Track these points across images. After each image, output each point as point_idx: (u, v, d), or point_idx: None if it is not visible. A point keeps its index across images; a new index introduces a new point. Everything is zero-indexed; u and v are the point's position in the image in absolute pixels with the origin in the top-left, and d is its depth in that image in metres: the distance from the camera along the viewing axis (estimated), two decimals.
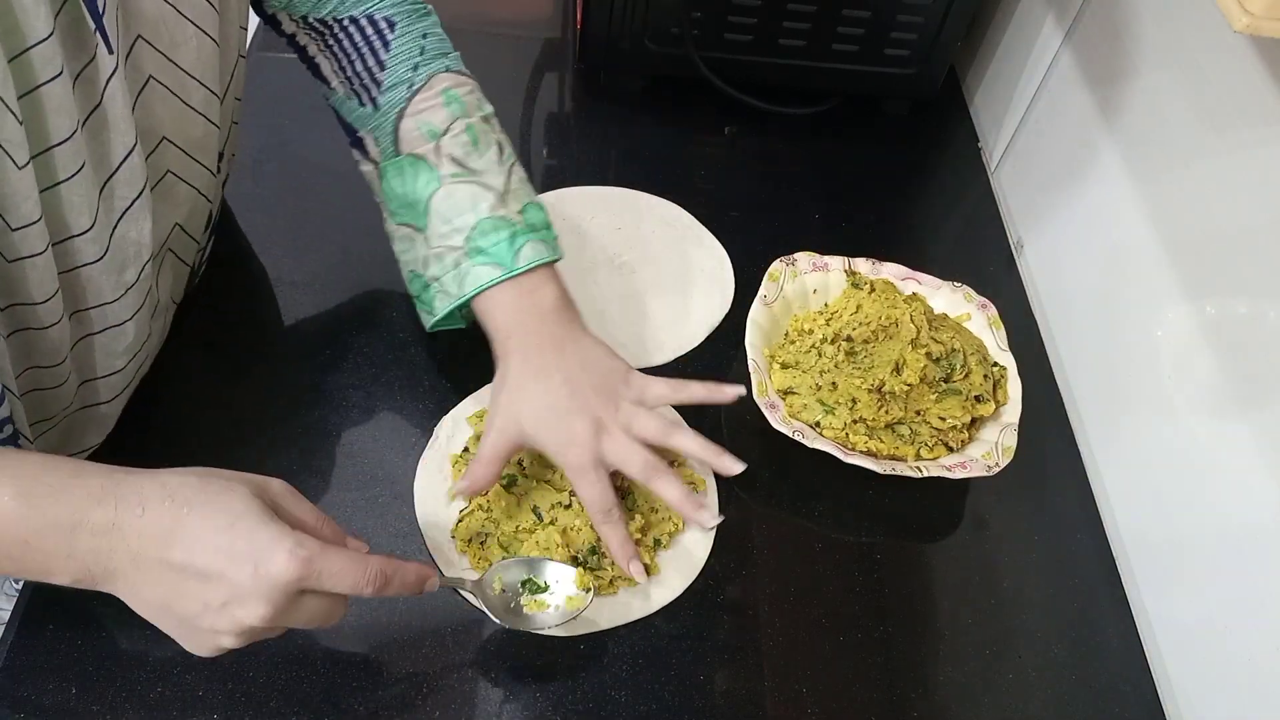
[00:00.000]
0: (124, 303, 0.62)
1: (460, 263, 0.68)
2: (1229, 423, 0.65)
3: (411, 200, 0.70)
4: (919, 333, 0.75)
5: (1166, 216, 0.74)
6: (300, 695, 0.60)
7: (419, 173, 0.69)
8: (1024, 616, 0.70)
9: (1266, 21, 0.47)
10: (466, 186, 0.69)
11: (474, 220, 0.68)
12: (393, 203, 0.71)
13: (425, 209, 0.69)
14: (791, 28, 0.97)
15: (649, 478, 0.64)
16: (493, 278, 0.67)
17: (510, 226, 0.68)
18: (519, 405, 0.65)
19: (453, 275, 0.68)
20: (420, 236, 0.70)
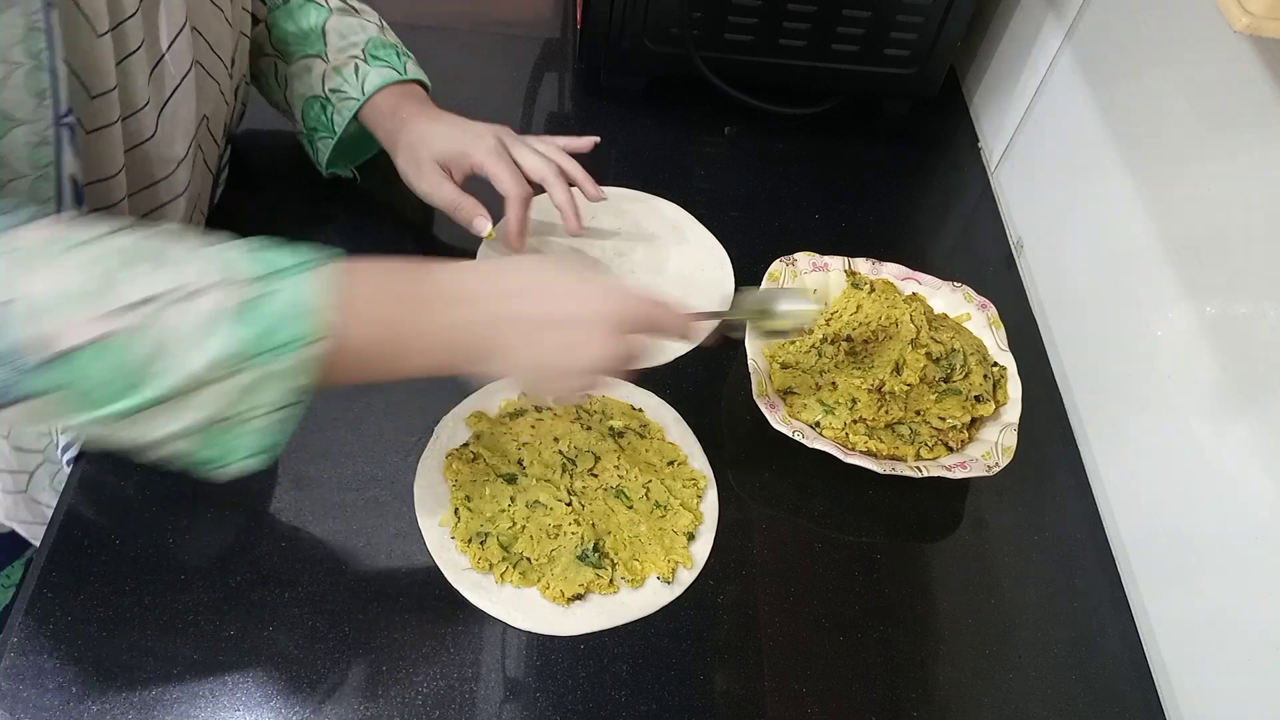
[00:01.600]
0: (176, 178, 0.69)
1: (359, 68, 0.78)
2: (1229, 423, 0.65)
3: (305, 31, 0.79)
4: (919, 333, 0.75)
5: (1166, 216, 0.74)
6: (300, 695, 0.60)
7: (308, 10, 0.80)
8: (1024, 616, 0.70)
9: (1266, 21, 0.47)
10: (353, 18, 0.81)
11: (365, 38, 0.80)
12: (288, 44, 0.80)
13: (321, 34, 0.79)
14: (791, 28, 0.97)
15: (545, 176, 0.77)
16: (388, 78, 0.78)
17: (395, 46, 0.81)
18: (426, 137, 0.77)
19: (354, 81, 0.78)
20: (319, 61, 0.79)
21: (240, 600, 0.63)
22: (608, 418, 0.74)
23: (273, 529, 0.67)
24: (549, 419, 0.73)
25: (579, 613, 0.65)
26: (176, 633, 0.61)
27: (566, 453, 0.71)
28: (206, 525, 0.66)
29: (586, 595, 0.66)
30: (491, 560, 0.65)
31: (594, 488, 0.70)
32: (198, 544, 0.65)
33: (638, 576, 0.67)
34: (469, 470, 0.70)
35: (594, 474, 0.71)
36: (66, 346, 0.44)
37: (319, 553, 0.66)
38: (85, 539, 0.65)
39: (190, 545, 0.65)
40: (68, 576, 0.63)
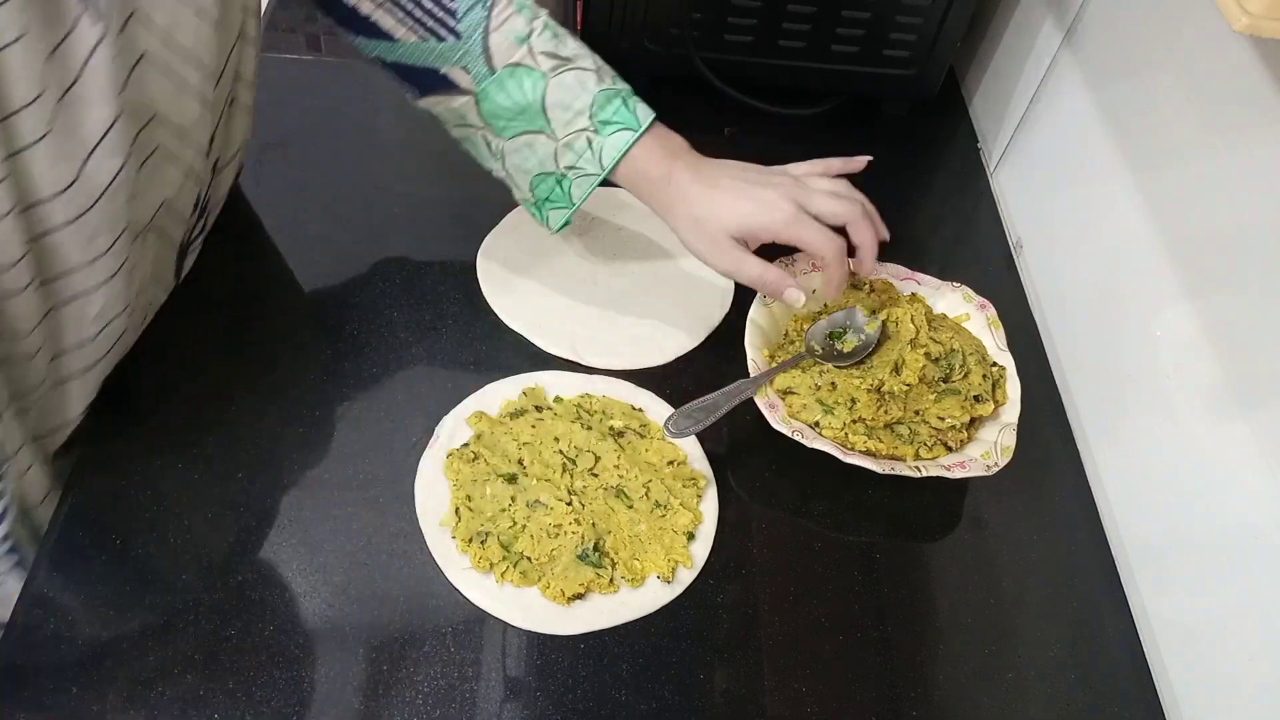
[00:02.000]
0: (94, 269, 0.62)
1: (592, 140, 0.72)
2: (1229, 423, 0.65)
3: (523, 106, 0.71)
4: (918, 333, 0.75)
5: (1166, 216, 0.74)
6: (300, 695, 0.60)
7: (522, 79, 0.71)
8: (1024, 616, 0.70)
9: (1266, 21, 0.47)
10: (570, 74, 0.72)
11: (589, 99, 0.71)
12: (501, 119, 0.73)
13: (541, 107, 0.71)
14: (791, 28, 0.97)
15: (850, 219, 0.73)
16: (627, 141, 0.72)
17: (619, 93, 0.73)
18: (714, 209, 0.72)
19: (589, 155, 0.72)
20: (542, 136, 0.73)
21: (240, 600, 0.63)
22: (608, 418, 0.74)
23: (273, 529, 0.67)
24: (549, 419, 0.73)
25: (579, 612, 0.65)
26: (176, 633, 0.61)
27: (567, 452, 0.71)
28: (206, 525, 0.66)
29: (586, 595, 0.66)
30: (492, 560, 0.66)
31: (594, 487, 0.70)
32: (198, 544, 0.65)
33: (638, 576, 0.67)
34: (469, 470, 0.70)
35: (594, 474, 0.71)
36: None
37: (319, 553, 0.66)
38: (85, 539, 0.65)
39: (190, 545, 0.65)
40: (68, 576, 0.63)
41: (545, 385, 0.76)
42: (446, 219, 0.89)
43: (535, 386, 0.76)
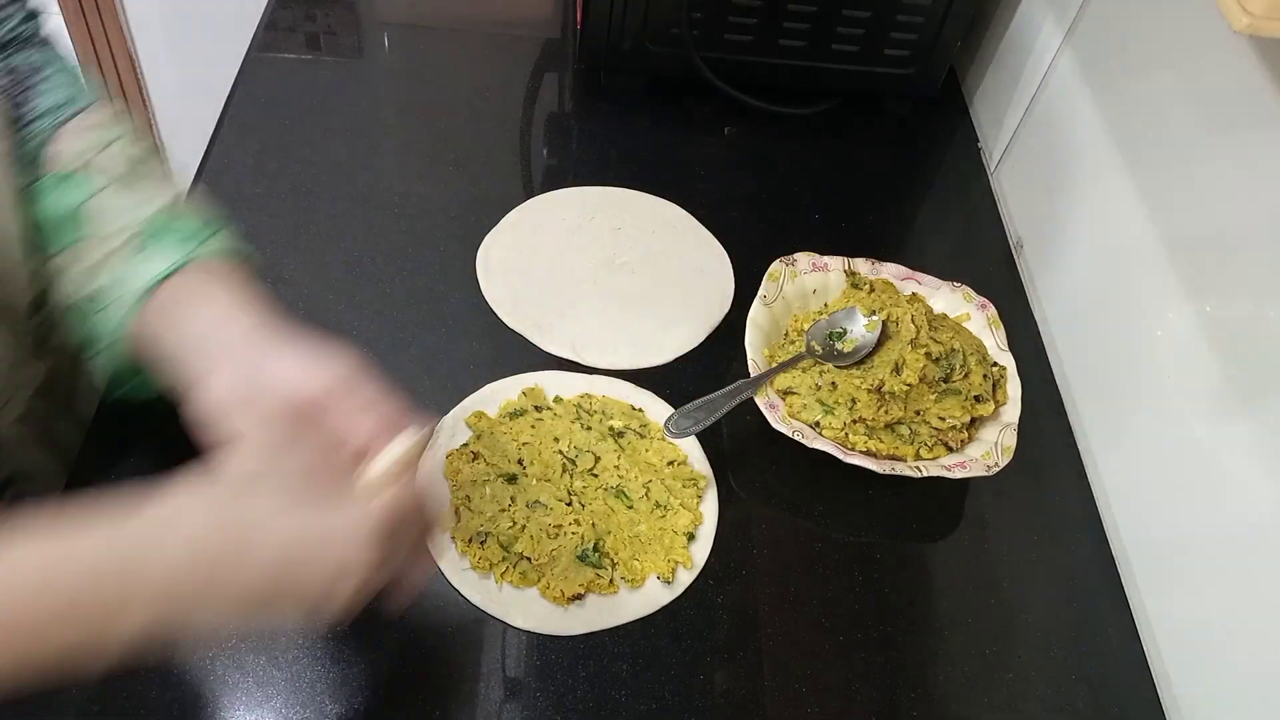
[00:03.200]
0: None
1: (130, 259, 0.54)
2: (1229, 423, 0.65)
3: (67, 213, 0.56)
4: (919, 333, 0.75)
5: (1166, 216, 0.74)
6: (300, 695, 0.60)
7: (69, 187, 0.57)
8: (1024, 616, 0.70)
9: (1266, 21, 0.47)
10: (133, 194, 0.57)
11: (149, 212, 0.56)
12: (45, 232, 0.58)
13: (77, 215, 0.56)
14: (791, 28, 0.97)
15: None
16: (172, 263, 0.53)
17: (197, 219, 0.57)
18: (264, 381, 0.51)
19: (119, 278, 0.54)
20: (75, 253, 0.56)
21: None
22: (608, 418, 0.74)
23: None
24: (549, 419, 0.73)
25: (579, 613, 0.65)
26: None
27: (566, 453, 0.71)
28: None
29: (586, 595, 0.66)
30: (491, 560, 0.66)
31: (594, 488, 0.70)
32: None
33: (638, 576, 0.67)
34: (469, 470, 0.70)
35: (594, 474, 0.71)
36: None
37: None
38: None
39: None
40: None
41: (545, 385, 0.76)
42: (446, 219, 0.89)
43: (535, 386, 0.76)
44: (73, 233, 0.56)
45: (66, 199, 0.57)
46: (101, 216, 0.56)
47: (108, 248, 0.55)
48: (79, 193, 0.56)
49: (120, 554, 0.43)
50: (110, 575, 0.42)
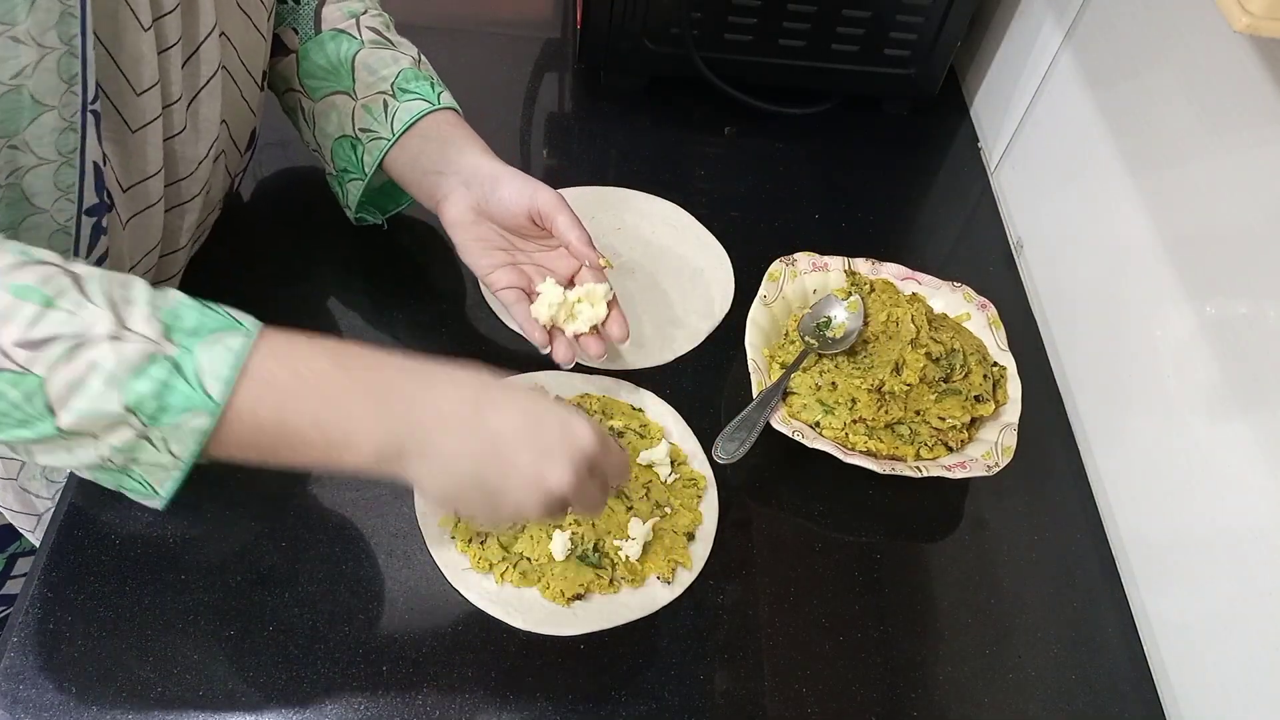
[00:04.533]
0: (195, 177, 0.68)
1: (388, 103, 0.72)
2: (1229, 423, 0.65)
3: (334, 65, 0.74)
4: (919, 333, 0.75)
5: (1166, 216, 0.74)
6: (300, 695, 0.60)
7: (340, 42, 0.74)
8: (1024, 616, 0.70)
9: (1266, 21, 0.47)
10: (387, 50, 0.75)
11: (397, 70, 0.73)
12: (314, 79, 0.75)
13: (350, 68, 0.73)
14: (791, 28, 0.97)
15: None
16: (422, 109, 0.72)
17: (429, 78, 0.74)
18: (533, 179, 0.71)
19: (382, 119, 0.72)
20: (344, 96, 0.74)
21: (240, 600, 0.63)
22: (608, 418, 0.74)
23: (273, 529, 0.67)
24: None
25: (579, 613, 0.65)
26: (176, 633, 0.61)
27: None
28: (207, 525, 0.66)
29: (586, 595, 0.66)
30: (491, 560, 0.65)
31: None
32: (198, 544, 0.65)
33: (638, 576, 0.67)
34: None
35: None
36: None
37: (319, 553, 0.66)
38: (85, 539, 0.65)
39: (190, 545, 0.65)
40: (68, 576, 0.63)
41: (545, 385, 0.76)
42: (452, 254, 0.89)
43: (535, 386, 0.76)
44: (348, 79, 0.73)
45: (343, 50, 0.74)
46: (368, 67, 0.73)
47: (377, 89, 0.73)
48: (352, 46, 0.74)
49: (394, 381, 0.52)
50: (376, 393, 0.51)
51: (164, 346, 0.47)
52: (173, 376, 0.47)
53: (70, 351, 0.46)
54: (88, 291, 0.47)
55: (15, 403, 0.46)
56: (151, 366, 0.47)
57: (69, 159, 0.55)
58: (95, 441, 0.47)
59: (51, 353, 0.45)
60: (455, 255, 0.85)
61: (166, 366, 0.47)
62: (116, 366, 0.46)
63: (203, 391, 0.47)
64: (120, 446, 0.48)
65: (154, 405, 0.47)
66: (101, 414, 0.46)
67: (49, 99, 0.52)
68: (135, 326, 0.47)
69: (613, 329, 0.73)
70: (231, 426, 0.48)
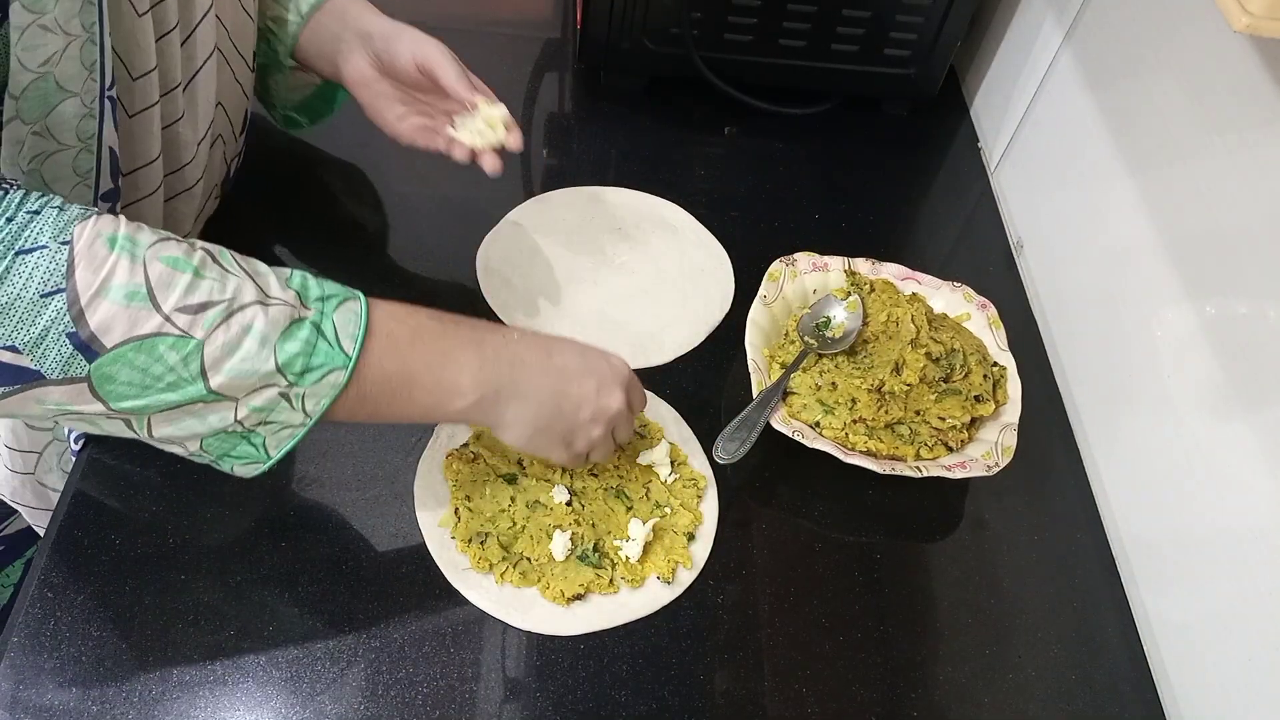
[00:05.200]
0: (196, 162, 0.68)
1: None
2: (1229, 423, 0.65)
3: None
4: (919, 333, 0.75)
5: (1166, 216, 0.73)
6: (301, 695, 0.60)
7: None
8: (1024, 616, 0.70)
9: (1266, 21, 0.47)
10: None
11: None
12: None
13: None
14: (791, 28, 0.97)
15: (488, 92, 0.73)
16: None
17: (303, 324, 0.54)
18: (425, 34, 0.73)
19: (290, 3, 0.74)
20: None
21: (240, 600, 0.63)
22: None
23: (273, 529, 0.67)
24: None
25: (579, 613, 0.65)
26: (176, 633, 0.61)
27: None
28: (207, 525, 0.66)
29: (586, 595, 0.66)
30: (491, 560, 0.66)
31: (594, 488, 0.70)
32: (198, 544, 0.65)
33: (638, 576, 0.67)
34: (469, 470, 0.70)
35: (594, 474, 0.71)
36: (122, 339, 0.47)
37: (319, 553, 0.66)
38: (86, 539, 0.65)
39: (190, 545, 0.65)
40: (68, 576, 0.63)
41: None
42: (446, 219, 0.89)
43: None
44: None
45: None
46: None
47: None
48: None
49: (481, 333, 0.59)
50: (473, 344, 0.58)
51: (303, 311, 0.52)
52: (315, 337, 0.52)
53: (226, 316, 0.49)
54: (223, 263, 0.51)
55: (171, 365, 0.48)
56: (297, 328, 0.51)
57: (88, 145, 0.56)
58: (233, 404, 0.51)
59: (209, 316, 0.49)
60: (455, 247, 0.86)
61: (309, 328, 0.52)
62: (268, 328, 0.50)
63: (340, 349, 0.52)
64: (259, 406, 0.51)
65: (301, 364, 0.51)
66: (253, 373, 0.50)
67: (72, 85, 0.53)
68: (274, 293, 0.51)
69: (511, 143, 0.74)
70: (362, 380, 0.53)
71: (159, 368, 0.48)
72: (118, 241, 0.48)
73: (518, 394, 0.59)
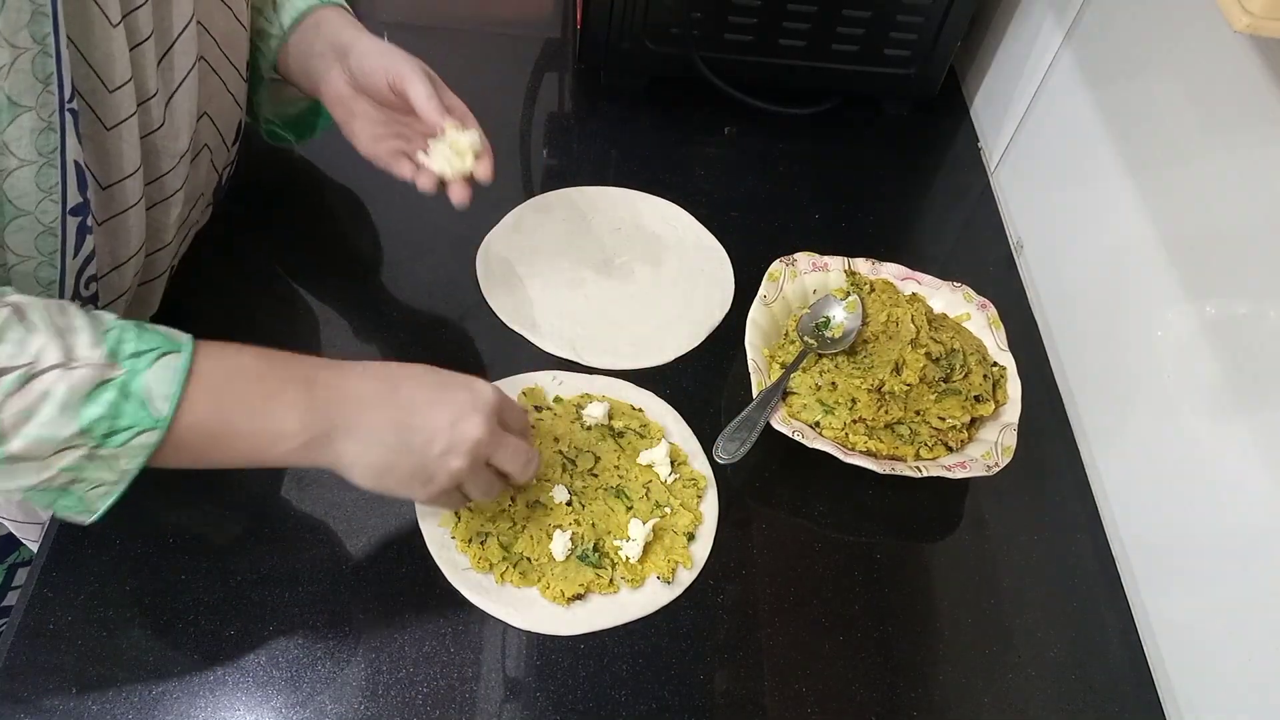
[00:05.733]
0: (176, 172, 0.67)
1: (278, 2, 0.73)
2: (1229, 423, 0.65)
3: None
4: (919, 333, 0.75)
5: (1166, 216, 0.73)
6: (300, 695, 0.60)
7: None
8: (1024, 616, 0.70)
9: (1266, 21, 0.47)
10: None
11: None
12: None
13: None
14: (791, 28, 0.97)
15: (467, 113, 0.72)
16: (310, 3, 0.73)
17: None
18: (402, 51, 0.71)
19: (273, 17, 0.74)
20: None
21: (240, 600, 0.63)
22: (609, 418, 0.74)
23: (273, 529, 0.67)
24: (549, 419, 0.73)
25: (579, 613, 0.65)
26: (176, 633, 0.61)
27: (566, 453, 0.71)
28: (207, 525, 0.66)
29: (586, 595, 0.66)
30: (491, 560, 0.66)
31: (594, 488, 0.70)
32: (198, 544, 0.65)
33: (638, 576, 0.67)
34: None
35: (594, 474, 0.71)
36: None
37: (319, 553, 0.66)
38: (85, 539, 0.64)
39: (190, 545, 0.65)
40: (68, 576, 0.63)
41: (545, 385, 0.76)
42: (446, 219, 0.88)
43: (535, 387, 0.76)
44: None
45: None
46: None
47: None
48: None
49: (315, 371, 0.56)
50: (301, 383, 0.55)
51: (110, 371, 0.50)
52: (122, 399, 0.50)
53: (22, 382, 0.48)
54: (30, 321, 0.49)
55: None
56: (102, 391, 0.49)
57: (50, 159, 0.55)
58: (40, 464, 0.49)
59: (4, 383, 0.47)
60: (455, 247, 0.86)
61: (115, 390, 0.50)
62: (68, 393, 0.48)
63: (150, 411, 0.50)
64: (66, 467, 0.50)
65: (105, 427, 0.49)
66: (53, 439, 0.48)
67: (25, 99, 0.52)
68: (81, 353, 0.49)
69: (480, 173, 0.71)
70: (176, 437, 0.51)
71: None
72: None
73: (352, 433, 0.56)
